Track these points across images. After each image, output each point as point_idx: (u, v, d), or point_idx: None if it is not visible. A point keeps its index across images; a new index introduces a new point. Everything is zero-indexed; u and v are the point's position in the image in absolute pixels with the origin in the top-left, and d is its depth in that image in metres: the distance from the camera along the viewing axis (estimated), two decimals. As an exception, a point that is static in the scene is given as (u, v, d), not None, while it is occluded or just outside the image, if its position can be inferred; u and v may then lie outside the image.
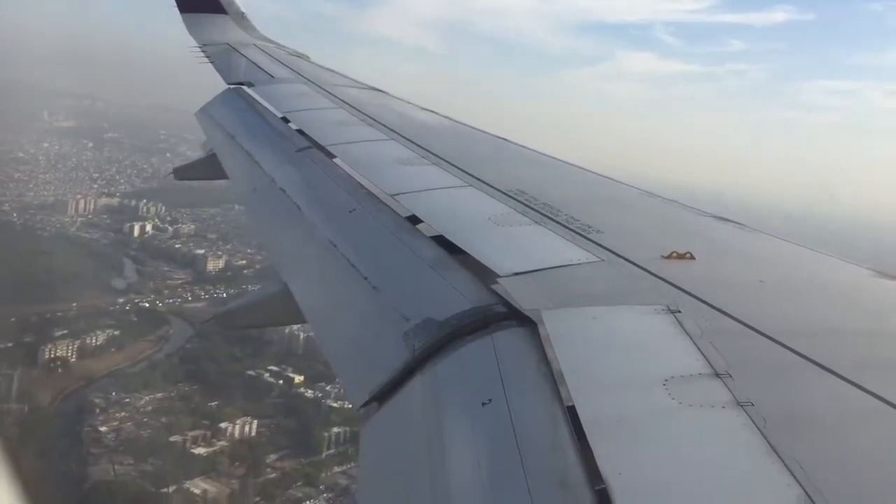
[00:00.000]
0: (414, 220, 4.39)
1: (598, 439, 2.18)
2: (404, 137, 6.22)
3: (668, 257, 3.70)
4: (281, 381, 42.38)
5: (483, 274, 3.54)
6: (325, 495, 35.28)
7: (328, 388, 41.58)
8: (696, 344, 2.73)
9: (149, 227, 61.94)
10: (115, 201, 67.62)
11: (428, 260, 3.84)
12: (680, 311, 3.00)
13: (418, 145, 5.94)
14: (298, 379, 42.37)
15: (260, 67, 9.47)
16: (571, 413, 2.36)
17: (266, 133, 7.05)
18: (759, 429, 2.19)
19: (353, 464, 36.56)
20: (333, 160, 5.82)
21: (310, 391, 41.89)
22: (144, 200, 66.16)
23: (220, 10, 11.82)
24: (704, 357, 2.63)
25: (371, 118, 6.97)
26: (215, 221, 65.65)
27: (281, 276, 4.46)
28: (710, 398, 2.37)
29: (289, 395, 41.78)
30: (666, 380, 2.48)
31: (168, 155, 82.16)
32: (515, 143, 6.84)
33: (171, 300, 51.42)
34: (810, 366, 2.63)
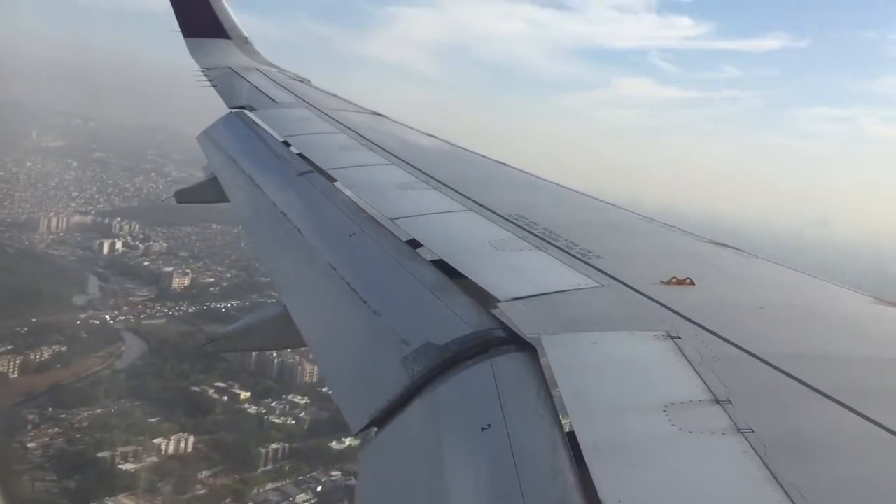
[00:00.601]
0: (414, 244, 4.40)
1: (598, 465, 2.17)
2: (404, 162, 6.25)
3: (668, 283, 3.70)
4: (226, 398, 41.89)
5: (483, 299, 3.54)
6: (251, 512, 34.71)
7: (273, 404, 41.45)
8: (696, 370, 2.73)
9: (119, 245, 61.58)
10: (88, 219, 67.16)
11: (428, 284, 3.84)
12: (680, 337, 3.00)
13: (418, 169, 5.97)
14: (245, 395, 42.11)
15: (262, 91, 9.53)
16: (571, 439, 2.36)
17: (267, 157, 7.08)
18: (759, 456, 2.18)
19: (287, 480, 36.47)
20: (334, 184, 5.85)
21: (254, 407, 41.59)
22: (118, 218, 65.89)
23: (224, 35, 11.93)
24: (704, 383, 2.62)
25: (371, 142, 7.01)
26: (190, 240, 65.38)
27: (280, 299, 4.45)
28: (711, 425, 2.37)
29: (232, 412, 41.34)
30: (666, 406, 2.48)
31: (153, 175, 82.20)
32: (515, 168, 6.87)
33: (127, 317, 50.67)
34: (811, 392, 2.62)
